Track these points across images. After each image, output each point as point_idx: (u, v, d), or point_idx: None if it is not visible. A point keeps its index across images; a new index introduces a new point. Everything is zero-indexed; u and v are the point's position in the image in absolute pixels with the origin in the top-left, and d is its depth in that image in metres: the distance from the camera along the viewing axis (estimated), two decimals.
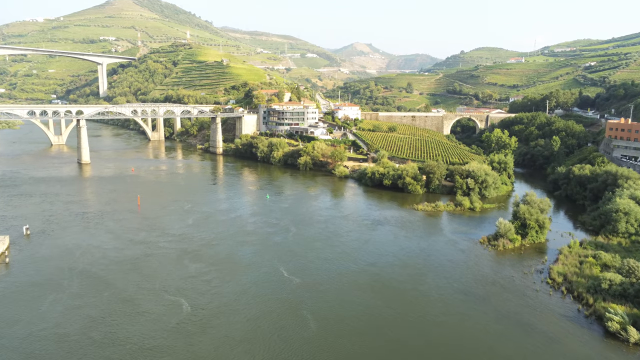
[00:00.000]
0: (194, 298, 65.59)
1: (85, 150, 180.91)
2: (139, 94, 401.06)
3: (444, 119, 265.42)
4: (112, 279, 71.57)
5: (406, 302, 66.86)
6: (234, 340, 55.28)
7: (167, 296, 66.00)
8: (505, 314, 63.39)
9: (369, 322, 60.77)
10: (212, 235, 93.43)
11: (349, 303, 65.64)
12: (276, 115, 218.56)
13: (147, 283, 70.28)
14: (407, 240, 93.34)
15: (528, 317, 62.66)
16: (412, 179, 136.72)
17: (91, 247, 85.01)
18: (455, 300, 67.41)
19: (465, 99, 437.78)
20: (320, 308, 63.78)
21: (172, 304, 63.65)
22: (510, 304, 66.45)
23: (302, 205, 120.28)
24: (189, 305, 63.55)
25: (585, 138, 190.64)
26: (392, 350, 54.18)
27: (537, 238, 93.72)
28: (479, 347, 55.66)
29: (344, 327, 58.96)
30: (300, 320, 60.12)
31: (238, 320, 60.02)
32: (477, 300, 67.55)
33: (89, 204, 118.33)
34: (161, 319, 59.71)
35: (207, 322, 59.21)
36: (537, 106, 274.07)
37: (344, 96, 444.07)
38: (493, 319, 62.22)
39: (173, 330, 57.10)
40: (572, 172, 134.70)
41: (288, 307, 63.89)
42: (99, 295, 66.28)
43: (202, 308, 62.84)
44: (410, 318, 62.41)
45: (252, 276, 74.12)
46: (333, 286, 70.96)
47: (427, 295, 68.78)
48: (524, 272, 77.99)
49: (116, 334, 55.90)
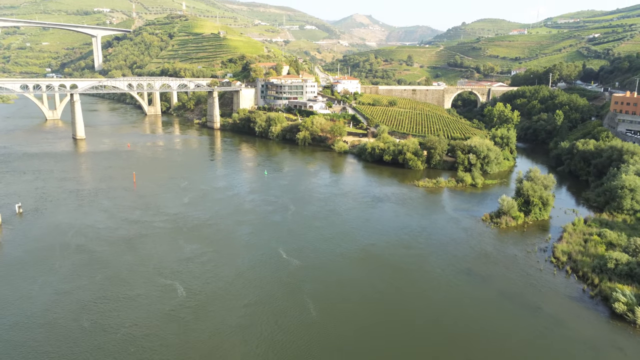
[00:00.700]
0: (189, 281, 63.51)
1: (79, 125, 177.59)
2: (134, 67, 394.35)
3: (445, 93, 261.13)
4: (105, 261, 69.54)
5: (408, 282, 65.25)
6: (230, 327, 53.12)
7: (161, 279, 63.90)
8: (509, 295, 61.91)
9: (371, 305, 58.98)
10: (209, 214, 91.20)
11: (349, 285, 63.77)
12: (274, 89, 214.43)
13: (141, 265, 68.19)
14: (408, 218, 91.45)
15: (532, 297, 61.17)
16: (413, 155, 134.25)
17: (84, 227, 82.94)
18: (458, 280, 65.84)
19: (466, 72, 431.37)
20: (320, 291, 61.75)
21: (166, 288, 61.53)
22: (513, 284, 64.93)
23: (301, 182, 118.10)
24: (183, 289, 61.44)
25: (589, 112, 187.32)
26: (396, 333, 52.69)
27: (540, 215, 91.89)
28: (483, 328, 54.28)
29: (345, 311, 57.05)
30: (299, 305, 58.01)
31: (234, 305, 57.87)
32: (480, 280, 66.02)
33: (83, 181, 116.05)
34: (155, 304, 57.63)
35: (202, 308, 57.02)
36: (539, 79, 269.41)
37: (343, 69, 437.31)
38: (497, 300, 60.78)
39: (167, 316, 54.98)
40: (575, 147, 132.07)
41: (287, 290, 61.77)
42: (91, 278, 64.22)
43: (197, 292, 60.72)
44: (412, 299, 60.92)
45: (250, 258, 71.81)
46: (333, 268, 69.03)
47: (429, 276, 67.13)
48: (527, 250, 76.34)
49: (108, 320, 53.80)
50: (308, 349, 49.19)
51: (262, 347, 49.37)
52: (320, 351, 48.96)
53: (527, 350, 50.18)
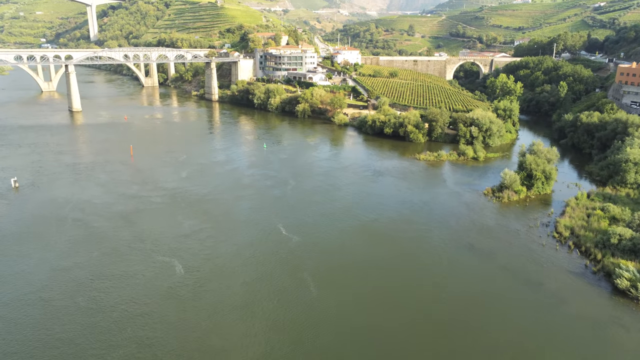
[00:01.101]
0: (187, 259, 62.16)
1: (75, 97, 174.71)
2: (130, 37, 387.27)
3: (447, 64, 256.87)
4: (103, 237, 68.46)
5: (410, 258, 64.45)
6: (229, 306, 52.03)
7: (159, 257, 62.64)
8: (511, 270, 61.28)
9: (372, 281, 58.09)
10: (208, 189, 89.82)
11: (350, 262, 62.68)
12: (273, 60, 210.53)
13: (138, 242, 67.05)
14: (409, 192, 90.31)
15: (534, 273, 60.55)
16: (414, 127, 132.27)
17: (81, 202, 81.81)
18: (460, 256, 65.12)
19: (468, 42, 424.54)
20: (320, 268, 60.58)
21: (164, 266, 60.29)
22: (515, 259, 64.23)
23: (300, 155, 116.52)
24: (181, 266, 60.16)
25: (593, 83, 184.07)
26: (396, 311, 52.17)
27: (542, 189, 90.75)
28: (484, 305, 53.77)
29: (346, 289, 56.09)
30: (299, 283, 56.96)
31: (233, 283, 56.69)
32: (481, 255, 65.32)
33: (80, 155, 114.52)
34: (152, 282, 56.52)
35: (200, 286, 55.75)
36: (543, 50, 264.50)
37: (343, 39, 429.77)
38: (498, 276, 60.18)
39: (164, 295, 53.89)
40: (579, 119, 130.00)
41: (287, 268, 60.46)
42: (88, 254, 63.20)
43: (195, 270, 59.44)
44: (414, 275, 60.28)
45: (249, 234, 70.40)
46: (334, 244, 67.90)
47: (431, 252, 66.32)
48: (529, 225, 75.47)
49: (104, 299, 52.80)
50: (308, 328, 48.42)
51: (261, 326, 48.48)
52: (319, 330, 48.22)
53: (528, 327, 49.70)
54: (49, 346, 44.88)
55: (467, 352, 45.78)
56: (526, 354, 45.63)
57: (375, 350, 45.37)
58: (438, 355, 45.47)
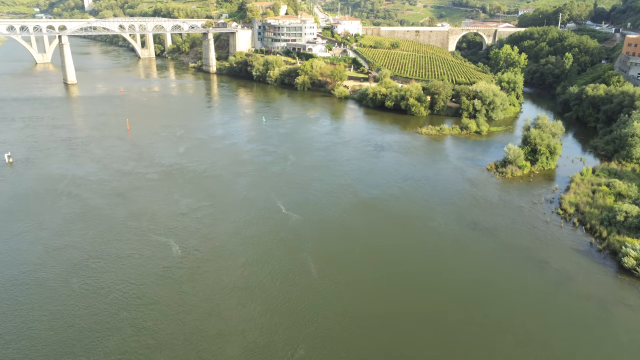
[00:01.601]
0: (184, 239, 60.39)
1: (70, 69, 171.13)
2: (126, 7, 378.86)
3: (450, 34, 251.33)
4: (98, 216, 66.87)
5: (412, 236, 63.13)
6: (226, 288, 50.43)
7: (155, 237, 60.90)
8: (515, 248, 60.10)
9: (373, 261, 56.80)
10: (205, 165, 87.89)
11: (351, 241, 61.16)
12: (272, 31, 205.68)
13: (134, 221, 65.39)
14: (411, 168, 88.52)
15: (538, 251, 59.39)
16: (416, 101, 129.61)
17: (76, 178, 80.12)
18: (463, 233, 63.85)
19: (471, 11, 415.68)
20: (321, 248, 58.77)
21: (160, 246, 58.52)
22: (519, 237, 63.01)
23: (300, 130, 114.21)
24: (178, 247, 58.42)
25: (599, 55, 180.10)
26: (397, 290, 51.17)
27: (547, 164, 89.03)
28: (487, 283, 52.75)
29: (347, 270, 54.61)
30: (299, 264, 55.32)
31: (232, 265, 54.84)
32: (485, 233, 64.06)
33: (75, 129, 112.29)
34: (148, 263, 54.83)
35: (197, 268, 54.06)
36: (548, 20, 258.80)
37: (343, 9, 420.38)
38: (502, 254, 59.00)
39: (160, 277, 52.09)
40: (584, 92, 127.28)
41: (286, 248, 58.74)
42: (83, 234, 61.62)
43: (192, 251, 57.66)
44: (416, 253, 59.07)
45: (248, 212, 68.48)
46: (335, 222, 66.26)
47: (433, 230, 64.98)
48: (533, 202, 74.06)
49: (98, 281, 51.22)
50: (309, 312, 47.12)
51: (260, 310, 47.04)
52: (320, 314, 46.88)
53: (532, 307, 48.75)
54: (43, 328, 43.81)
55: (469, 332, 44.92)
56: (530, 334, 44.76)
57: (376, 332, 44.47)
58: (439, 335, 44.60)
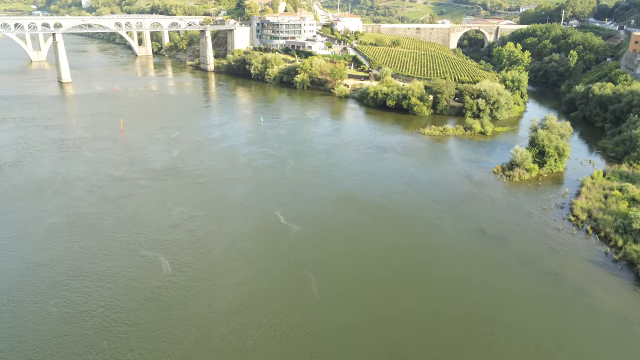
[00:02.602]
0: (175, 254, 56.18)
1: (64, 67, 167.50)
2: (123, 4, 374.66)
3: (451, 32, 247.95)
4: (85, 226, 62.74)
5: (418, 248, 59.56)
6: (219, 312, 46.01)
7: (144, 251, 56.82)
8: (525, 258, 57.02)
9: (380, 279, 52.57)
10: (200, 170, 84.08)
11: (355, 257, 56.62)
12: (270, 28, 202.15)
13: (122, 233, 61.30)
14: (415, 171, 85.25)
15: (550, 261, 56.34)
16: (418, 100, 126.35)
17: (65, 184, 76.58)
18: (470, 241, 60.76)
19: (472, 8, 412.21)
20: (324, 265, 54.45)
21: (150, 262, 54.31)
22: (529, 246, 59.95)
23: (299, 131, 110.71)
24: (168, 263, 54.18)
25: (604, 52, 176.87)
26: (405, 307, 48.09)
27: (555, 167, 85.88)
28: (496, 297, 49.70)
29: (353, 292, 49.76)
30: (300, 283, 50.71)
31: (226, 284, 50.55)
32: (494, 242, 60.98)
33: (67, 130, 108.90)
34: (135, 283, 50.56)
35: (189, 288, 49.63)
36: (551, 17, 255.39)
37: (343, 6, 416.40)
38: (511, 264, 55.93)
39: (148, 298, 47.74)
40: (591, 91, 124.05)
41: (286, 264, 54.41)
42: (67, 247, 57.43)
43: (183, 268, 53.41)
44: (422, 266, 55.92)
45: (244, 224, 64.14)
46: (337, 235, 61.81)
47: (440, 239, 61.53)
48: (543, 207, 70.98)
49: (79, 304, 46.64)
50: (309, 340, 42.86)
51: (255, 337, 42.69)
52: (322, 344, 42.44)
53: (545, 322, 45.70)
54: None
55: (478, 347, 41.92)
56: (543, 352, 41.77)
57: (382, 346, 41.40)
58: (446, 350, 41.55)
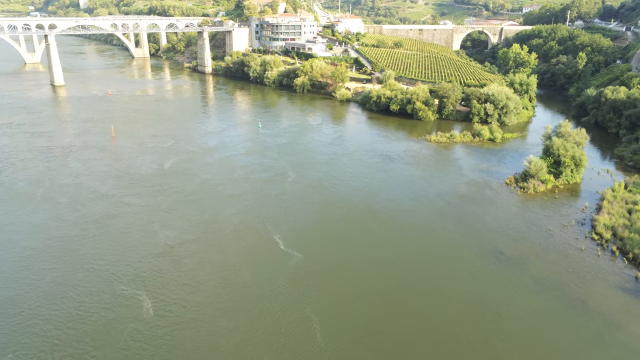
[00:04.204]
0: (158, 291, 48.68)
1: (57, 70, 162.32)
2: (121, 5, 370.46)
3: (454, 33, 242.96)
4: (60, 253, 55.74)
5: (432, 276, 54.21)
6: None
7: (122, 288, 49.23)
8: (547, 284, 51.79)
9: (392, 318, 47.12)
10: (193, 185, 76.94)
11: (366, 294, 49.02)
12: (270, 29, 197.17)
13: (102, 261, 54.08)
14: (424, 184, 79.23)
15: (575, 288, 51.11)
16: (423, 104, 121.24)
17: (46, 201, 70.14)
18: (488, 265, 55.41)
19: (474, 9, 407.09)
20: (329, 302, 47.45)
21: (129, 302, 46.89)
22: (552, 269, 54.70)
23: (300, 139, 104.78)
24: (150, 304, 46.66)
25: (613, 54, 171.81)
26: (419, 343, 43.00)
27: (572, 178, 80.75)
28: (519, 329, 44.54)
29: (365, 338, 43.03)
30: (302, 326, 44.07)
31: (215, 330, 43.66)
32: (512, 263, 55.79)
33: (56, 137, 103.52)
34: (110, 329, 43.22)
35: (171, 337, 42.43)
36: (556, 17, 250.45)
37: (343, 7, 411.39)
38: (534, 291, 50.68)
39: (122, 353, 40.62)
40: (603, 95, 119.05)
41: (285, 302, 47.48)
42: (37, 280, 50.21)
43: (168, 308, 46.14)
44: (437, 295, 50.79)
45: (238, 252, 56.73)
46: (343, 264, 54.83)
47: (457, 263, 55.83)
48: (562, 223, 65.80)
49: (44, 352, 40.04)
50: None
51: None
52: None
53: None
54: None
55: None
56: None
57: None
58: None
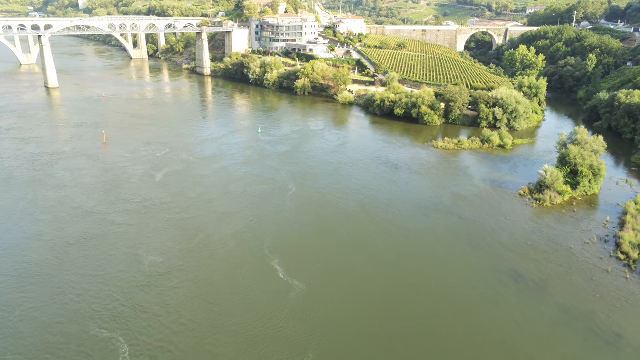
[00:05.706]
0: (137, 335, 42.32)
1: (51, 72, 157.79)
2: (120, 5, 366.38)
3: (458, 34, 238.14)
4: (33, 282, 49.96)
5: (444, 301, 49.48)
6: None
7: (97, 331, 42.77)
8: (575, 313, 46.91)
9: (402, 351, 43.38)
10: (186, 201, 70.68)
11: (377, 334, 43.32)
12: (270, 30, 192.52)
13: (77, 294, 47.89)
14: (434, 196, 73.98)
15: (605, 318, 46.21)
16: (429, 109, 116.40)
17: (25, 218, 64.65)
18: (506, 290, 50.49)
19: (477, 10, 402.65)
20: (333, 344, 41.95)
21: (105, 347, 40.84)
22: (577, 294, 49.84)
23: (302, 146, 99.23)
24: (128, 349, 40.63)
25: (623, 56, 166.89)
26: None
27: (590, 189, 75.92)
28: None
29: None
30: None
31: None
32: (532, 288, 50.93)
33: (45, 143, 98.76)
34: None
35: None
36: (562, 18, 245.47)
37: (345, 7, 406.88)
38: (559, 321, 45.84)
39: None
40: (617, 99, 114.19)
41: (286, 346, 41.39)
42: (3, 318, 44.39)
43: (149, 354, 40.16)
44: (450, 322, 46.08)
45: (232, 284, 50.14)
46: (350, 296, 48.55)
47: (470, 287, 51.20)
48: (584, 241, 60.98)
49: None
50: None
51: None
52: None
53: None
54: None
55: None
56: None
57: None
58: None
